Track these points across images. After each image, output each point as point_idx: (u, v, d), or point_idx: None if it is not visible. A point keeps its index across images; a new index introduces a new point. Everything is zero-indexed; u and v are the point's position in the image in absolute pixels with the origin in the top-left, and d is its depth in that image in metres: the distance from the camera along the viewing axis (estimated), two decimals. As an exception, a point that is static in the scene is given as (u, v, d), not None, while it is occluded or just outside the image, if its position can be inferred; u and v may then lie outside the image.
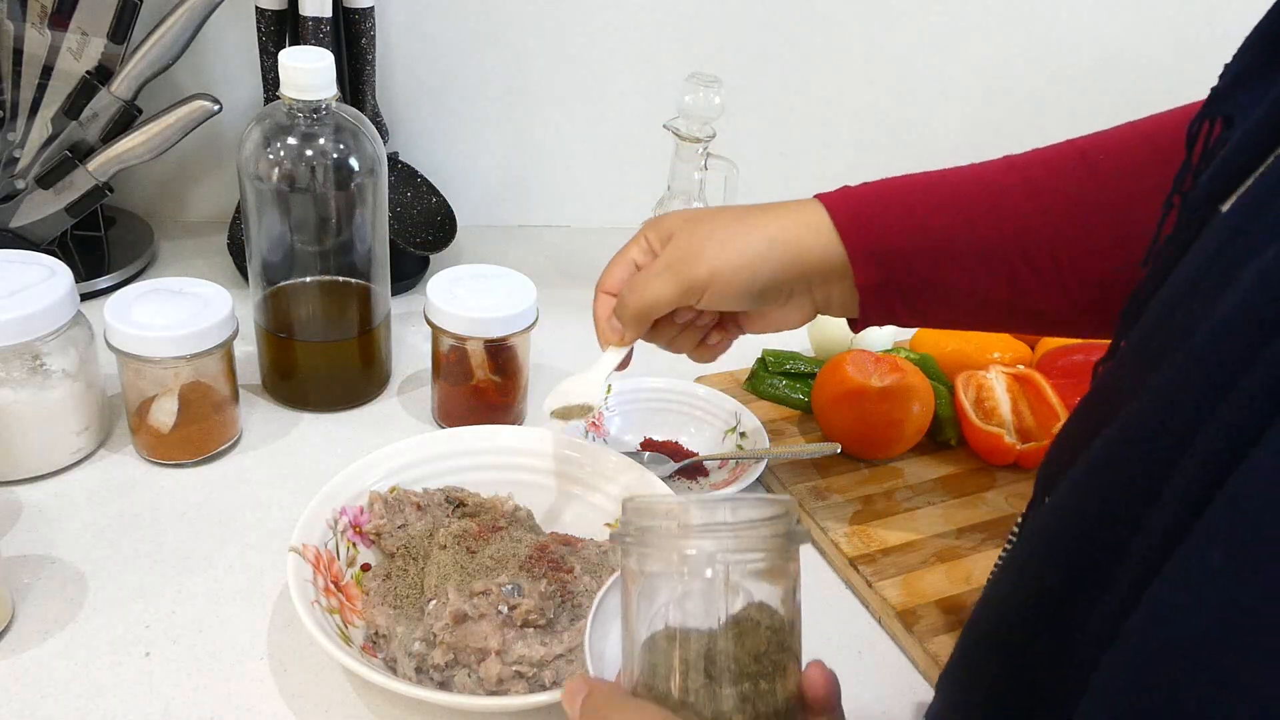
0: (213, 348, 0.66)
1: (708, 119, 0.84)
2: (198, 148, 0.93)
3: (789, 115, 1.06)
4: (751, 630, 0.39)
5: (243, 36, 0.87)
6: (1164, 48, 1.08)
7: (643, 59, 0.99)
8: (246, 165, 0.69)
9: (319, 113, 0.69)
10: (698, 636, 0.39)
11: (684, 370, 0.78)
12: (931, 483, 0.74)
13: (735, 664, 0.39)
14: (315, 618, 0.53)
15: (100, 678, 0.54)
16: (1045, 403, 0.76)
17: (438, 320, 0.72)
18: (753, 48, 1.01)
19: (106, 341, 0.65)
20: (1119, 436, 0.33)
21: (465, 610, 0.54)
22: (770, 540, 0.39)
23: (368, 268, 0.75)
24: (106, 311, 0.65)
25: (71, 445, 0.67)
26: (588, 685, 0.42)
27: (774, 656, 0.39)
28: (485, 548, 0.60)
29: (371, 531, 0.61)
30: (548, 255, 1.02)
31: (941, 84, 1.06)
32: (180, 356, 0.65)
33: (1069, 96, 1.09)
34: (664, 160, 0.87)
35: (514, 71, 0.98)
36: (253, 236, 0.72)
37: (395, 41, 0.95)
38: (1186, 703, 0.25)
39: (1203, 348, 0.29)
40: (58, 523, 0.64)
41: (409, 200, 0.97)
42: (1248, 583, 0.25)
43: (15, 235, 0.85)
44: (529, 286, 0.74)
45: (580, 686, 0.42)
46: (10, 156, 0.83)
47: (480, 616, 0.54)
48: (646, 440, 0.77)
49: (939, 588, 0.64)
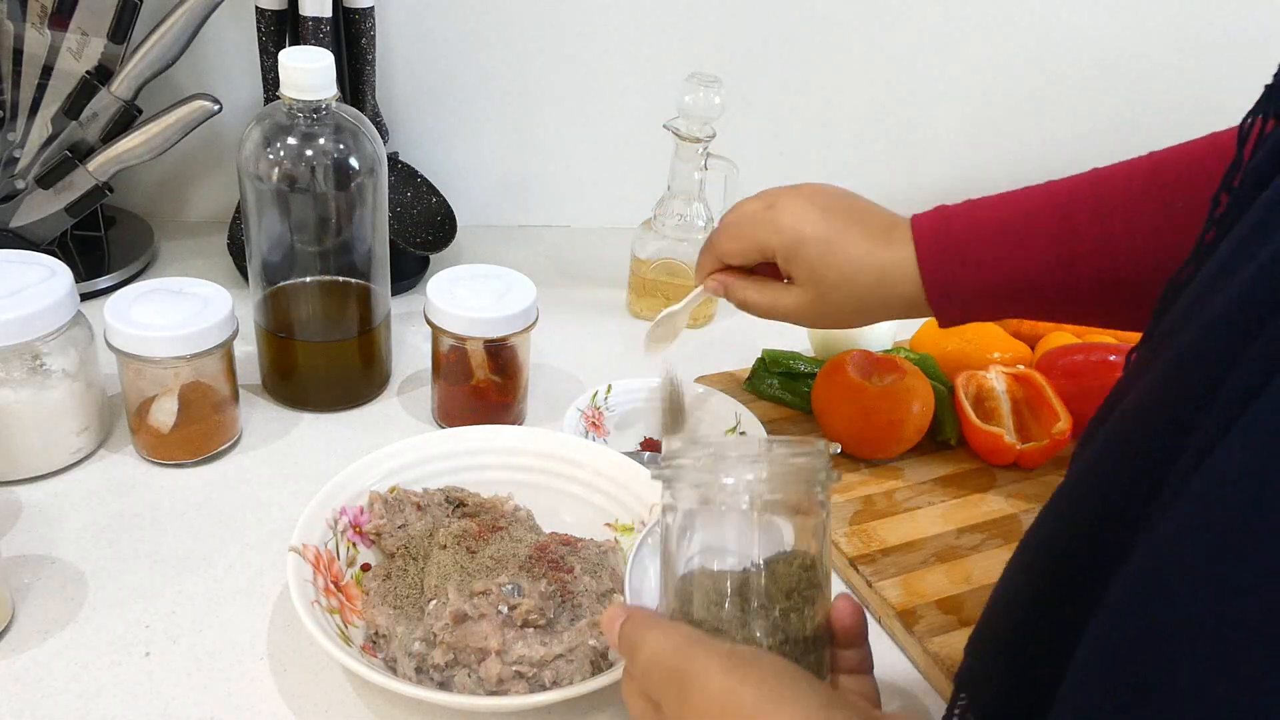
0: (212, 348, 0.66)
1: (708, 119, 0.84)
2: (198, 148, 0.93)
3: (789, 115, 1.06)
4: (783, 565, 0.42)
5: (243, 36, 0.88)
6: (1164, 48, 1.08)
7: (643, 59, 0.99)
8: (246, 165, 0.69)
9: (319, 112, 0.69)
10: (733, 570, 0.42)
11: (684, 370, 0.78)
12: (931, 483, 0.74)
13: (767, 597, 0.41)
14: (315, 618, 0.53)
15: (100, 678, 0.54)
16: (1045, 403, 0.76)
17: (438, 320, 0.72)
18: (753, 48, 1.01)
19: (107, 341, 0.65)
20: (1136, 406, 0.34)
21: (465, 610, 0.54)
22: (802, 478, 0.42)
23: (368, 268, 0.75)
24: (106, 311, 0.65)
25: (71, 445, 0.67)
26: (626, 611, 0.44)
27: (804, 591, 0.42)
28: (485, 548, 0.60)
29: (371, 531, 0.61)
30: (548, 255, 1.02)
31: (941, 84, 1.06)
32: (180, 356, 0.65)
33: (1069, 97, 1.09)
34: (664, 160, 0.87)
35: (514, 71, 0.99)
36: (253, 236, 0.72)
37: (395, 41, 0.95)
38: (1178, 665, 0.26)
39: (1214, 319, 0.30)
40: (58, 523, 0.64)
41: (409, 200, 0.97)
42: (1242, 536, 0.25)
43: (15, 235, 0.85)
44: (529, 286, 0.74)
45: (618, 613, 0.44)
46: (10, 156, 0.83)
47: (480, 616, 0.54)
48: (646, 440, 0.77)
49: (939, 588, 0.64)
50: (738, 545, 0.42)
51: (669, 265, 0.90)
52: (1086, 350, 0.80)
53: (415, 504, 0.62)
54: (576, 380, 0.84)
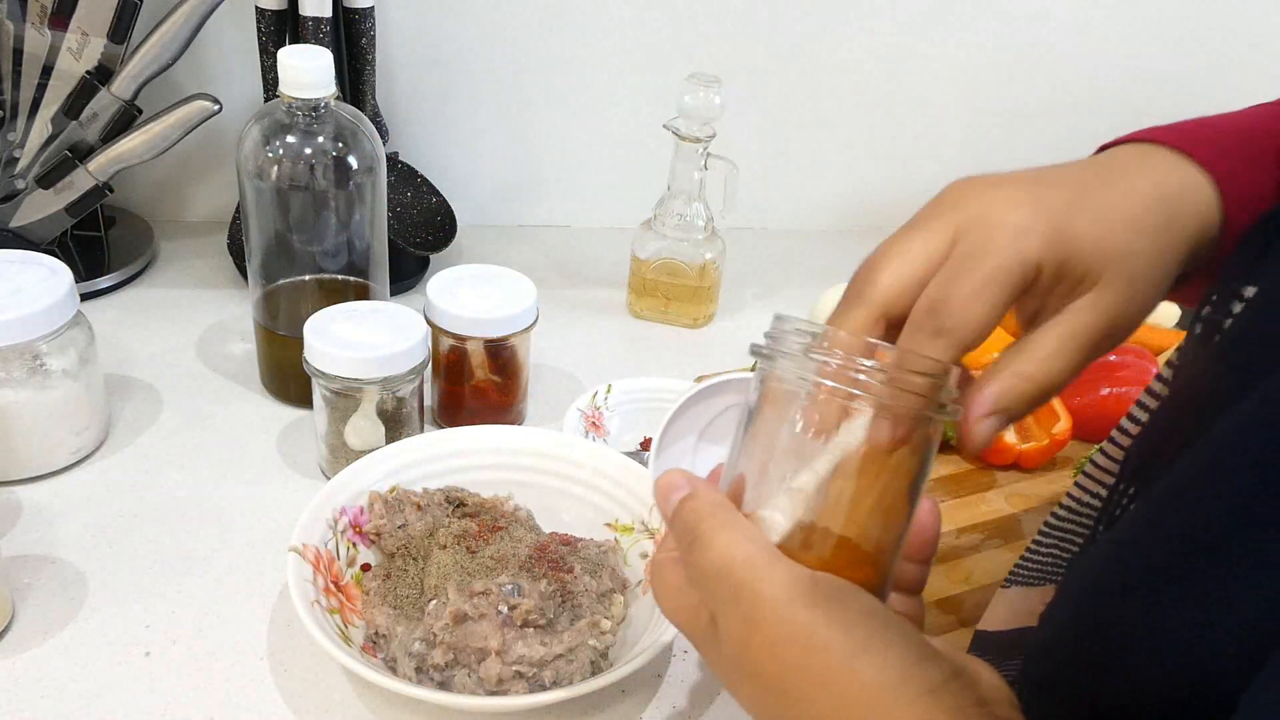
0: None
1: (708, 119, 0.84)
2: (198, 148, 0.93)
3: (789, 115, 1.06)
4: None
5: (243, 36, 0.87)
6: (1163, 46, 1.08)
7: (643, 59, 0.99)
8: (245, 163, 0.69)
9: (318, 111, 0.69)
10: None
11: (684, 370, 0.78)
12: (931, 483, 0.74)
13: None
14: (315, 618, 0.53)
15: (100, 678, 0.54)
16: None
17: (438, 320, 0.72)
18: (753, 48, 1.01)
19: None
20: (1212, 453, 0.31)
21: (465, 610, 0.54)
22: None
23: (367, 266, 0.75)
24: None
25: (71, 445, 0.67)
26: (691, 484, 0.37)
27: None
28: (485, 548, 0.60)
29: (371, 531, 0.61)
30: (548, 255, 1.02)
31: (942, 84, 1.06)
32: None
33: (1070, 100, 1.09)
34: (664, 160, 0.87)
35: (514, 72, 0.98)
36: (252, 235, 0.72)
37: (395, 41, 0.95)
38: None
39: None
40: (58, 523, 0.64)
41: (409, 200, 0.97)
42: None
43: (15, 235, 0.85)
44: (529, 286, 0.74)
45: (680, 482, 0.37)
46: (10, 156, 0.83)
47: (480, 616, 0.54)
48: (646, 440, 0.77)
49: (939, 588, 0.64)
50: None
51: (669, 265, 0.90)
52: (1086, 350, 0.80)
53: (415, 504, 0.62)
54: (576, 380, 0.84)
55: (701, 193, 0.88)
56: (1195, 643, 0.30)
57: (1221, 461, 0.32)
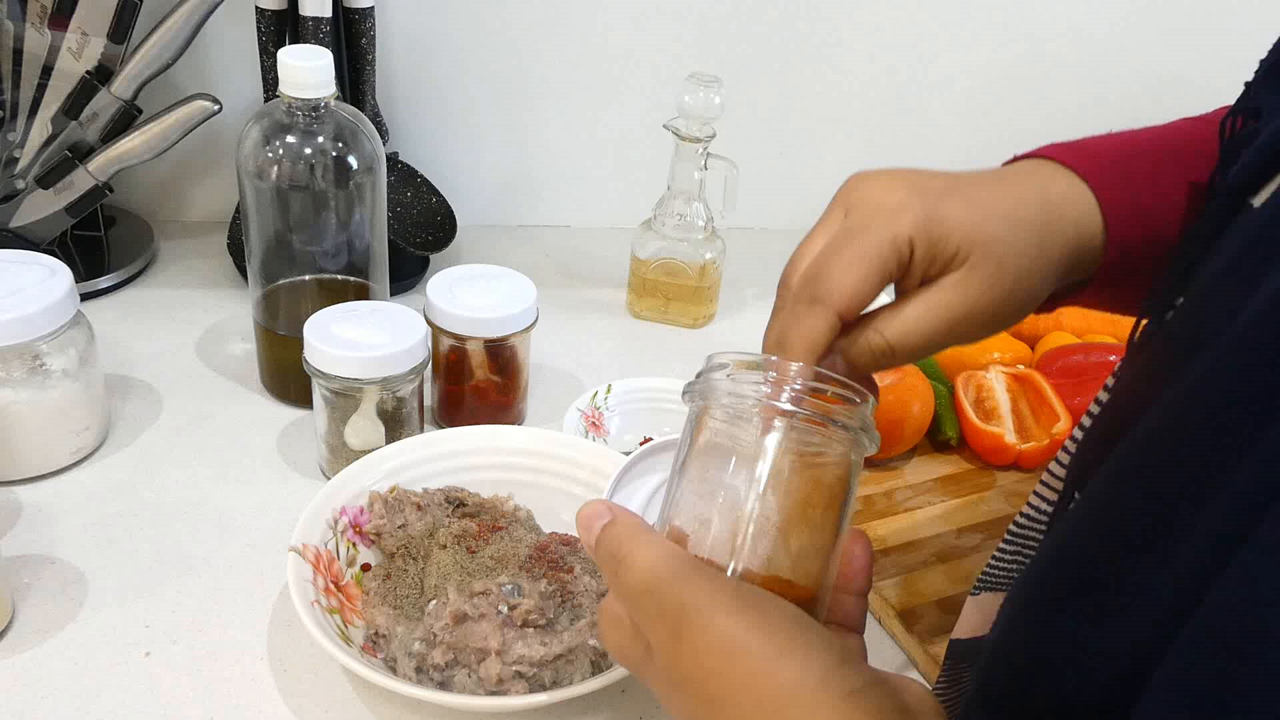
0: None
1: (708, 119, 0.84)
2: (198, 148, 0.93)
3: (789, 115, 1.06)
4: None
5: (243, 36, 0.87)
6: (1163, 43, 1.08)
7: (643, 59, 0.99)
8: (245, 163, 0.69)
9: (318, 111, 0.69)
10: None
11: (684, 370, 0.78)
12: (931, 483, 0.74)
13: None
14: (315, 618, 0.53)
15: (100, 678, 0.54)
16: (1045, 403, 0.76)
17: (438, 320, 0.72)
18: (753, 48, 1.01)
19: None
20: (1150, 433, 0.31)
21: (465, 610, 0.54)
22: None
23: (367, 266, 0.75)
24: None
25: (71, 445, 0.67)
26: (611, 512, 0.38)
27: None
28: (485, 548, 0.60)
29: (371, 531, 0.61)
30: (548, 255, 1.02)
31: (941, 83, 1.06)
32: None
33: (1069, 98, 1.09)
34: (664, 160, 0.87)
35: (514, 71, 0.98)
36: (252, 234, 0.72)
37: (395, 41, 0.95)
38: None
39: (1231, 350, 0.27)
40: (58, 523, 0.64)
41: (409, 200, 0.97)
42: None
43: (15, 235, 0.85)
44: (529, 286, 0.74)
45: (601, 512, 0.38)
46: (10, 156, 0.83)
47: (480, 616, 0.54)
48: (646, 440, 0.77)
49: (939, 588, 0.64)
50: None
51: (669, 265, 0.90)
52: (1086, 350, 0.80)
53: (415, 504, 0.62)
54: (576, 380, 0.84)
55: (701, 193, 0.88)
56: (1102, 656, 0.30)
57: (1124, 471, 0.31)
